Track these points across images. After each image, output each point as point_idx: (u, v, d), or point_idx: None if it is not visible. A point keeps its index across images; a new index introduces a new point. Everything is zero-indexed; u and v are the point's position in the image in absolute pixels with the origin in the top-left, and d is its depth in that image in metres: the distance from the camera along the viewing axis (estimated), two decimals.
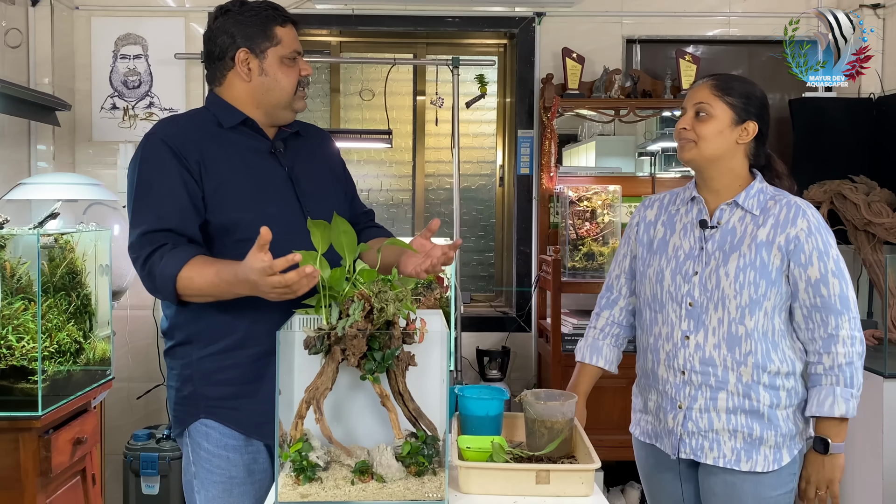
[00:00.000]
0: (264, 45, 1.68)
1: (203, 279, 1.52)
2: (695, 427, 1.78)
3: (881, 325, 2.94)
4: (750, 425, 1.74)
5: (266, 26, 1.68)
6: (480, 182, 3.95)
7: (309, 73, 1.74)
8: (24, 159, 3.25)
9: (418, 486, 1.34)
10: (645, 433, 1.92)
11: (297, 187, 1.72)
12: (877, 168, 3.26)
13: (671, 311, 1.81)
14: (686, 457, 1.80)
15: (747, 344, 1.73)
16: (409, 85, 3.89)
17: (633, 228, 1.96)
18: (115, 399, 3.39)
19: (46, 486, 2.19)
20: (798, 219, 1.74)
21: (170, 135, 1.64)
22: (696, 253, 1.80)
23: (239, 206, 1.64)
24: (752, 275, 1.72)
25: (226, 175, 1.64)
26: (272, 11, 1.70)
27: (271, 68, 1.69)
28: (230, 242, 1.63)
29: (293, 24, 1.72)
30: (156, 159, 1.62)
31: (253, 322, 1.62)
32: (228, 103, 1.71)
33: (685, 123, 1.79)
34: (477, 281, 3.94)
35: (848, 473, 2.83)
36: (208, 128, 1.69)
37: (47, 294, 2.22)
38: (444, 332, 1.46)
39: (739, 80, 1.83)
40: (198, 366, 1.67)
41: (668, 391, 1.81)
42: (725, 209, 1.80)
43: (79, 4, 3.50)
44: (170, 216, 1.58)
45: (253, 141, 1.71)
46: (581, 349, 2.00)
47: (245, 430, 1.68)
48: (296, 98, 1.72)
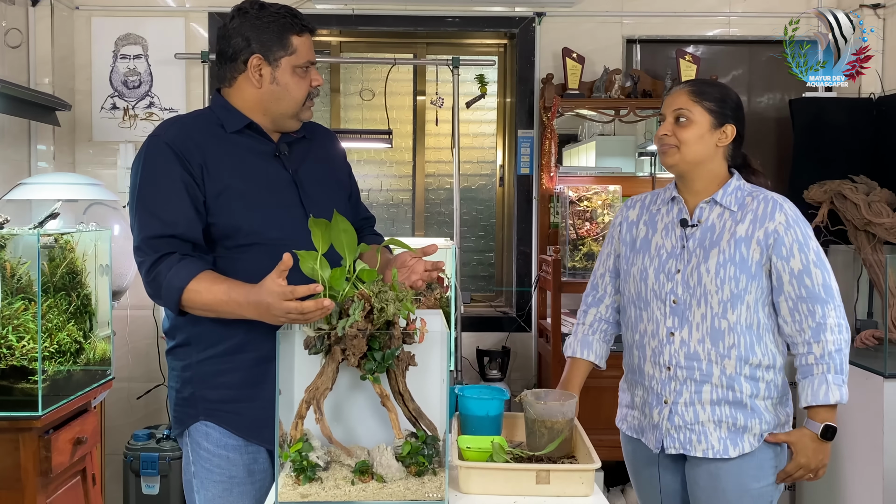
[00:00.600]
0: (279, 53, 1.64)
1: (211, 295, 1.52)
2: (681, 421, 1.81)
3: (881, 325, 2.94)
4: (734, 415, 1.78)
5: (283, 34, 1.64)
6: (480, 182, 3.95)
7: (320, 83, 1.71)
8: (24, 159, 3.25)
9: (418, 486, 1.34)
10: (631, 428, 1.96)
11: (301, 191, 1.71)
12: (877, 168, 3.26)
13: (656, 309, 1.84)
14: (675, 451, 1.83)
15: (730, 337, 1.77)
16: (409, 85, 3.89)
17: (616, 228, 2.00)
18: (115, 399, 3.39)
19: (46, 486, 2.19)
20: (776, 213, 1.78)
21: (172, 137, 1.62)
22: (678, 251, 1.84)
23: (241, 210, 1.63)
24: (731, 270, 1.76)
25: (228, 179, 1.63)
26: (290, 19, 1.66)
27: (283, 77, 1.66)
28: (233, 246, 1.63)
29: (310, 32, 1.69)
30: (159, 162, 1.60)
31: (249, 328, 1.60)
32: (233, 107, 1.69)
33: (666, 130, 1.83)
34: (477, 281, 3.94)
35: (848, 473, 2.84)
36: (212, 130, 1.67)
37: (47, 294, 2.22)
38: (444, 332, 1.46)
39: (715, 85, 1.89)
40: (198, 368, 1.67)
41: (654, 387, 1.85)
42: (705, 207, 1.84)
43: (79, 4, 3.50)
44: (175, 222, 1.57)
45: (257, 144, 1.69)
46: (571, 345, 2.02)
47: (244, 434, 1.67)
48: (303, 108, 1.70)
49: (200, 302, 1.53)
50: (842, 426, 2.83)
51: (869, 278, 3.08)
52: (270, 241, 1.62)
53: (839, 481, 2.88)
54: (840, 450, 2.87)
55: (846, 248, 3.17)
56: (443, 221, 3.88)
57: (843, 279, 3.27)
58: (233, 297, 1.49)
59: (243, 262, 1.61)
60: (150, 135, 1.66)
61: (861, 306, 3.18)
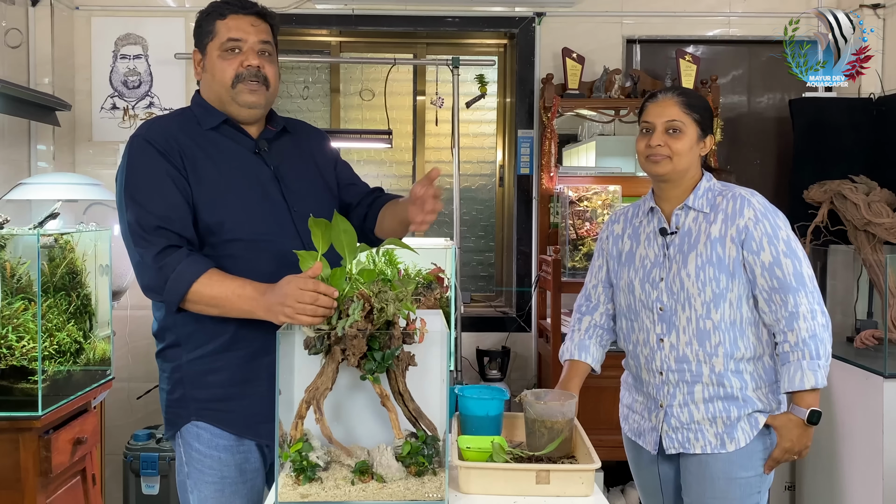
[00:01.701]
0: (206, 40, 1.69)
1: (222, 288, 1.52)
2: (677, 422, 1.86)
3: (881, 325, 2.94)
4: (727, 409, 1.83)
5: (209, 22, 1.69)
6: (480, 182, 3.95)
7: (251, 63, 1.65)
8: (24, 159, 3.25)
9: (418, 486, 1.34)
10: (632, 430, 2.00)
11: (282, 185, 1.70)
12: (877, 168, 3.26)
13: (645, 318, 1.90)
14: (674, 452, 1.87)
15: (716, 336, 1.82)
16: (409, 85, 3.89)
17: (605, 242, 2.05)
18: (115, 399, 3.39)
19: (46, 486, 2.19)
20: (744, 209, 1.82)
21: (153, 135, 1.63)
22: (661, 260, 1.89)
23: (224, 206, 1.63)
24: (710, 271, 1.81)
25: (209, 176, 1.63)
26: (218, 6, 1.69)
27: (210, 62, 1.69)
28: (218, 242, 1.63)
29: (240, 12, 1.67)
30: (143, 159, 1.61)
31: (241, 325, 1.61)
32: (208, 104, 1.71)
33: (658, 140, 1.85)
34: (477, 281, 3.94)
35: (848, 473, 2.84)
36: (191, 127, 1.68)
37: (47, 294, 2.22)
38: (444, 332, 1.46)
39: (697, 97, 1.93)
40: (187, 368, 1.67)
41: (651, 392, 1.91)
42: (680, 213, 1.89)
43: (79, 4, 3.50)
44: (168, 217, 1.58)
45: (235, 140, 1.70)
46: (568, 349, 2.04)
47: (236, 430, 1.67)
48: (236, 91, 1.66)
49: (209, 295, 1.53)
50: (842, 426, 2.85)
51: (869, 278, 3.08)
52: (254, 236, 1.63)
53: (839, 481, 2.88)
54: (840, 450, 2.87)
55: (846, 248, 3.17)
56: (443, 221, 3.88)
57: (843, 279, 3.27)
58: (246, 291, 1.50)
59: (227, 259, 1.61)
60: (131, 136, 1.67)
61: (861, 306, 3.17)
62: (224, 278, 1.54)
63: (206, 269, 1.55)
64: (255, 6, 1.70)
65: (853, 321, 3.16)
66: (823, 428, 2.75)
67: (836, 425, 2.88)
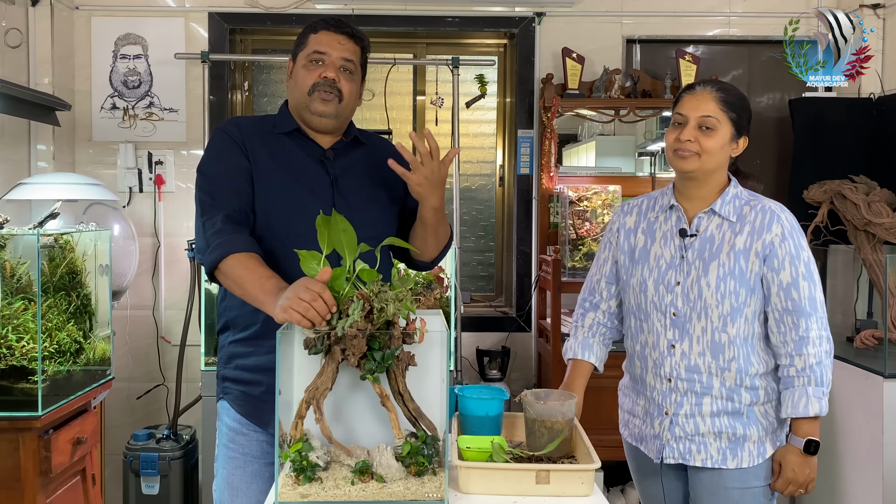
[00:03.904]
0: (297, 50, 1.79)
1: (251, 272, 1.54)
2: (682, 432, 1.82)
3: (881, 325, 2.94)
4: (733, 425, 1.80)
5: (304, 35, 1.80)
6: (480, 182, 3.95)
7: (328, 76, 1.74)
8: (24, 159, 3.25)
9: (418, 486, 1.34)
10: (632, 435, 1.96)
11: (336, 194, 1.74)
12: (877, 168, 3.26)
13: (656, 321, 1.84)
14: (674, 461, 1.84)
15: (730, 350, 1.78)
16: (409, 85, 3.89)
17: (614, 234, 1.97)
18: (115, 399, 3.39)
19: (46, 486, 2.19)
20: (773, 224, 1.77)
21: (230, 128, 1.78)
22: (678, 262, 1.83)
23: (273, 203, 1.70)
24: (732, 284, 1.76)
25: (267, 173, 1.72)
26: (316, 22, 1.80)
27: (297, 70, 1.78)
28: (261, 237, 1.69)
29: (332, 29, 1.78)
30: (220, 143, 1.75)
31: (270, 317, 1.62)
32: (287, 111, 1.81)
33: (689, 135, 1.77)
34: (477, 281, 3.94)
35: (848, 473, 2.84)
36: (265, 130, 1.79)
37: (47, 294, 2.22)
38: (444, 332, 1.46)
39: (738, 94, 1.83)
40: (228, 350, 1.77)
41: (656, 398, 1.86)
42: (703, 217, 1.83)
43: (79, 4, 3.50)
44: (237, 191, 1.68)
45: (303, 146, 1.78)
46: (572, 347, 2.00)
47: (245, 414, 1.73)
48: (311, 98, 1.74)
49: (237, 273, 1.56)
50: (842, 426, 2.85)
51: (869, 278, 3.08)
52: (291, 237, 1.65)
53: (839, 481, 2.88)
54: (840, 450, 2.87)
55: (846, 248, 3.17)
56: None
57: (843, 279, 3.28)
58: (269, 284, 1.50)
59: (266, 255, 1.64)
60: (215, 128, 1.82)
61: (861, 306, 3.18)
62: (258, 265, 1.57)
63: (249, 250, 1.58)
64: (348, 27, 1.80)
65: (853, 321, 3.16)
66: (824, 428, 2.74)
67: (836, 425, 2.88)
